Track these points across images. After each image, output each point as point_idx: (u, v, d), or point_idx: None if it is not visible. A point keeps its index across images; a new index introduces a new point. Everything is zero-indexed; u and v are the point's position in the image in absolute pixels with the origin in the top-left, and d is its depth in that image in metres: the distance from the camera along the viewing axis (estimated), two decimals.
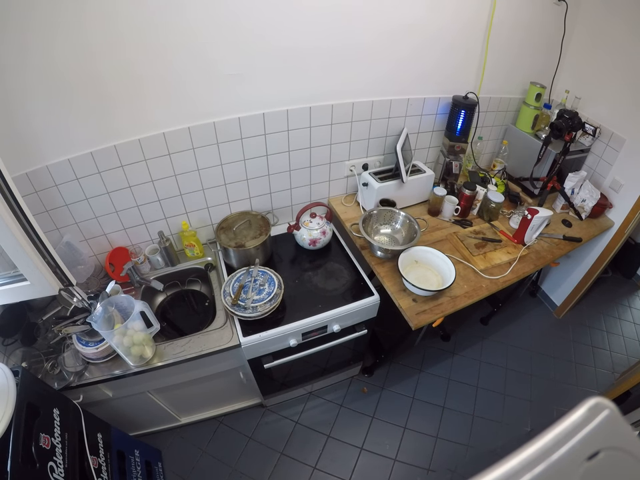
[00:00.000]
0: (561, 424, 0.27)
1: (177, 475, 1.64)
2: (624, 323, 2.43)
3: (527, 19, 1.63)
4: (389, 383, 2.01)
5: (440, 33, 1.50)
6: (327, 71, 1.41)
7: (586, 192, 1.79)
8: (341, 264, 1.60)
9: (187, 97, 1.27)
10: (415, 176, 1.72)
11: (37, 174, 1.20)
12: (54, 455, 0.98)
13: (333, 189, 1.83)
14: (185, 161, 1.42)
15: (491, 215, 1.75)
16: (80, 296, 1.19)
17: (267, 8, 1.19)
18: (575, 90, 1.83)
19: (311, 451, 1.73)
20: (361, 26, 1.35)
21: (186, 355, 1.28)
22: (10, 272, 1.10)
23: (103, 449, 1.23)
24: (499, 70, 1.74)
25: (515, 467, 0.25)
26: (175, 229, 1.61)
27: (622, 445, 0.27)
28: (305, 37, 1.30)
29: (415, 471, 1.69)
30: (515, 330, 2.32)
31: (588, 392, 2.02)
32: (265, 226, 1.56)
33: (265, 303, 1.33)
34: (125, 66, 1.13)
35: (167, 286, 1.60)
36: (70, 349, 1.23)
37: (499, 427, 1.85)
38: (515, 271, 1.52)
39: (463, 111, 1.65)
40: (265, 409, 1.88)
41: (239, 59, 1.26)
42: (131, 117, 1.24)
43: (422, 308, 1.35)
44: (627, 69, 1.64)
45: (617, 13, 1.62)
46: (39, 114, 1.11)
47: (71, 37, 1.03)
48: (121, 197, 1.40)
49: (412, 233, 1.54)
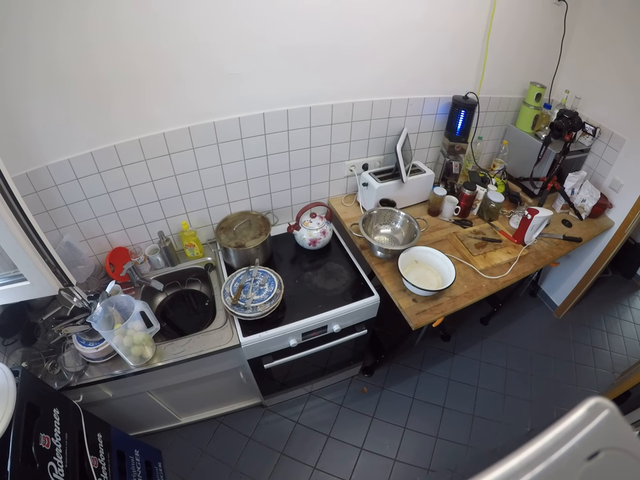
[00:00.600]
0: (561, 424, 0.27)
1: (177, 475, 1.64)
2: (624, 322, 2.43)
3: (527, 19, 1.63)
4: (389, 382, 2.01)
5: (440, 33, 1.50)
6: (327, 70, 1.41)
7: (586, 192, 1.79)
8: (341, 264, 1.60)
9: (187, 97, 1.27)
10: (415, 176, 1.72)
11: (37, 174, 1.20)
12: (54, 454, 0.98)
13: (333, 188, 1.83)
14: (185, 161, 1.42)
15: (491, 215, 1.75)
16: (80, 296, 1.19)
17: (268, 7, 1.19)
18: (575, 90, 1.83)
19: (311, 451, 1.73)
20: (360, 25, 1.35)
21: (186, 355, 1.28)
22: (10, 272, 1.10)
23: (103, 449, 1.23)
24: (499, 70, 1.74)
25: (514, 466, 0.25)
26: (175, 228, 1.61)
27: (622, 445, 0.27)
28: (305, 36, 1.30)
29: (415, 471, 1.69)
30: (515, 330, 2.32)
31: (588, 392, 2.02)
32: (265, 226, 1.56)
33: (265, 303, 1.33)
34: (125, 66, 1.13)
35: (167, 286, 1.60)
36: (70, 349, 1.23)
37: (499, 427, 1.85)
38: (514, 271, 1.52)
39: (462, 111, 1.65)
40: (265, 409, 1.88)
41: (239, 58, 1.26)
42: (131, 116, 1.24)
43: (422, 308, 1.35)
44: (627, 69, 1.64)
45: (616, 13, 1.62)
46: (39, 114, 1.11)
47: (71, 36, 1.03)
48: (121, 197, 1.40)
49: (412, 233, 1.54)
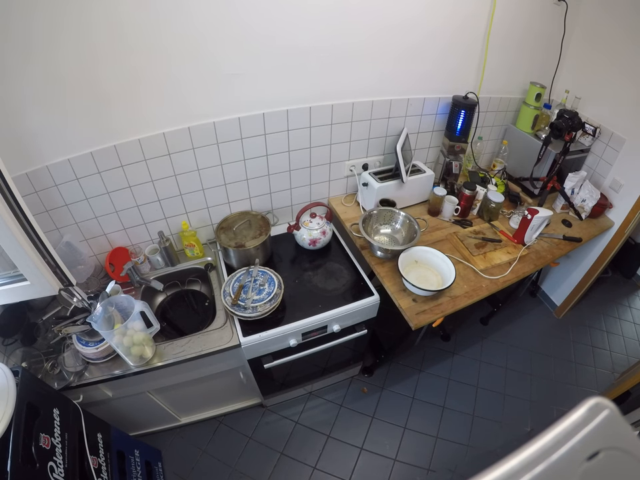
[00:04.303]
0: (561, 424, 0.27)
1: (177, 474, 1.64)
2: (624, 322, 2.43)
3: (527, 19, 1.63)
4: (389, 382, 2.01)
5: (440, 33, 1.50)
6: (327, 70, 1.41)
7: (586, 192, 1.79)
8: (341, 264, 1.60)
9: (187, 97, 1.27)
10: (415, 176, 1.72)
11: (37, 174, 1.20)
12: (54, 454, 0.98)
13: (333, 188, 1.83)
14: (185, 161, 1.42)
15: (491, 215, 1.75)
16: (80, 296, 1.19)
17: (269, 7, 1.19)
18: (575, 90, 1.83)
19: (311, 451, 1.73)
20: (360, 23, 1.35)
21: (186, 355, 1.28)
22: (10, 272, 1.10)
23: (102, 449, 1.23)
24: (499, 70, 1.74)
25: (515, 466, 0.25)
26: (175, 228, 1.61)
27: (622, 445, 0.27)
28: (306, 35, 1.30)
29: (414, 471, 1.69)
30: (515, 330, 2.31)
31: (588, 392, 2.01)
32: (265, 226, 1.55)
33: (264, 303, 1.33)
34: (125, 66, 1.13)
35: (167, 286, 1.60)
36: (70, 348, 1.23)
37: (499, 427, 1.85)
38: (514, 270, 1.52)
39: (462, 111, 1.65)
40: (265, 409, 1.88)
41: (239, 58, 1.26)
42: (131, 116, 1.24)
43: (422, 308, 1.35)
44: (627, 69, 1.64)
45: (616, 13, 1.62)
46: (39, 114, 1.11)
47: (73, 37, 1.03)
48: (121, 197, 1.40)
49: (412, 233, 1.54)
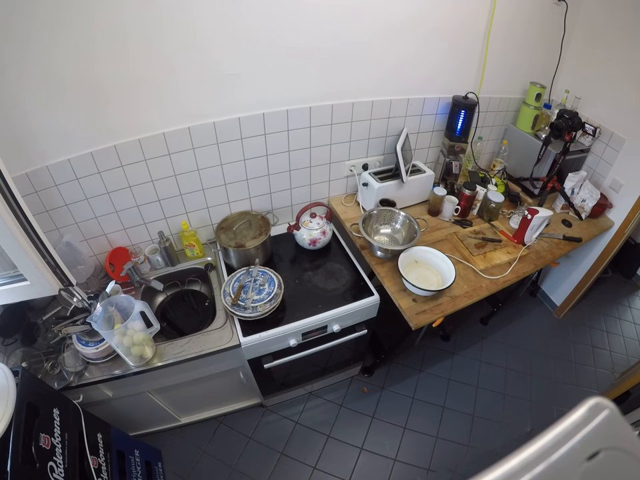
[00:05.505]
0: (561, 424, 0.27)
1: (177, 474, 1.64)
2: (624, 322, 2.43)
3: (527, 19, 1.63)
4: (389, 382, 2.01)
5: (440, 33, 1.50)
6: (327, 70, 1.41)
7: (586, 192, 1.79)
8: (341, 264, 1.60)
9: (187, 97, 1.27)
10: (415, 176, 1.72)
11: (37, 174, 1.20)
12: (54, 454, 0.98)
13: (333, 188, 1.83)
14: (185, 161, 1.42)
15: (491, 215, 1.75)
16: (80, 296, 1.19)
17: (270, 7, 1.19)
18: (575, 90, 1.83)
19: (311, 450, 1.73)
20: (360, 24, 1.34)
21: (186, 355, 1.28)
22: (10, 272, 1.10)
23: (102, 449, 1.23)
24: (499, 70, 1.74)
25: (514, 466, 0.25)
26: (175, 228, 1.61)
27: (622, 444, 0.27)
28: (306, 35, 1.30)
29: (414, 471, 1.69)
30: (515, 330, 2.31)
31: (588, 392, 2.02)
32: (265, 226, 1.55)
33: (264, 303, 1.33)
34: (125, 66, 1.13)
35: (167, 286, 1.60)
36: (70, 349, 1.23)
37: (499, 427, 1.85)
38: (514, 270, 1.52)
39: (462, 111, 1.65)
40: (265, 409, 1.88)
41: (239, 58, 1.26)
42: (131, 116, 1.24)
43: (422, 308, 1.35)
44: (627, 69, 1.64)
45: (616, 13, 1.62)
46: (39, 114, 1.11)
47: (74, 38, 1.03)
48: (121, 197, 1.40)
49: (412, 233, 1.54)
